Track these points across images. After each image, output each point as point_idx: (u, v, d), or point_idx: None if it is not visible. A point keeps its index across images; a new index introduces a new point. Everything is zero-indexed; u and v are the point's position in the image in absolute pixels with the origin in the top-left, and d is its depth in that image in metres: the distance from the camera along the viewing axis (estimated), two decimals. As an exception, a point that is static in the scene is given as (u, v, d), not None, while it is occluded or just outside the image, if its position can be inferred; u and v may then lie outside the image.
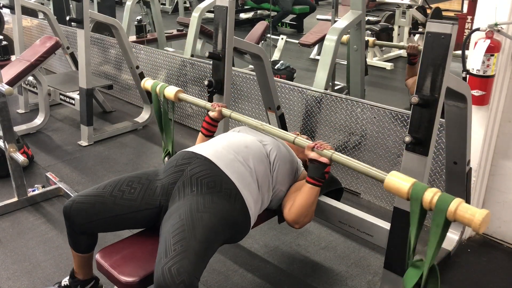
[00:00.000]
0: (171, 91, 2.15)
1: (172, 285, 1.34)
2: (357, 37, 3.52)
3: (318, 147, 1.67)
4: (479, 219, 1.25)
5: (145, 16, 6.14)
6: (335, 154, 1.65)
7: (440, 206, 1.32)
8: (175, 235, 1.46)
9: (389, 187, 1.45)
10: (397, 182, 1.43)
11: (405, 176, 1.43)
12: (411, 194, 1.39)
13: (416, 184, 1.39)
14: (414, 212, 1.39)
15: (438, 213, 1.33)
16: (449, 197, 1.32)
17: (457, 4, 8.15)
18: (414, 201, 1.38)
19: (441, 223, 1.32)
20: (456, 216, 1.29)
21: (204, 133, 2.09)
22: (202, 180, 1.67)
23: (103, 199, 1.68)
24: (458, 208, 1.29)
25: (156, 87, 2.21)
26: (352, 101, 2.77)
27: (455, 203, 1.30)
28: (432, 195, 1.34)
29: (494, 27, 2.06)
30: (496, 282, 2.19)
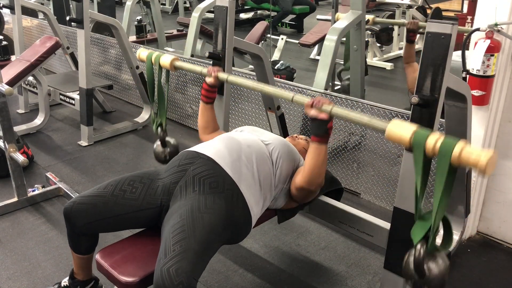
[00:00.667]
0: (166, 59, 2.12)
1: (170, 285, 1.34)
2: (357, 37, 3.52)
3: (316, 104, 1.63)
4: (485, 160, 1.19)
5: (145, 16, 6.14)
6: (334, 108, 1.60)
7: (444, 151, 1.25)
8: (174, 235, 1.46)
9: (390, 136, 1.39)
10: (398, 130, 1.37)
11: (406, 124, 1.38)
12: (413, 141, 1.32)
13: (418, 131, 1.33)
14: (417, 162, 1.32)
15: (442, 158, 1.26)
16: (452, 141, 1.26)
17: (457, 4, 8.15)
18: (416, 149, 1.32)
19: (446, 170, 1.25)
20: (461, 159, 1.23)
21: (205, 100, 2.07)
22: (204, 180, 1.67)
23: (104, 199, 1.67)
24: (463, 152, 1.23)
25: (151, 56, 2.17)
26: (352, 101, 2.77)
27: (459, 146, 1.24)
28: (434, 141, 1.28)
29: (494, 27, 2.06)
30: (496, 282, 2.19)
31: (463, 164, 1.24)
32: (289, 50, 6.16)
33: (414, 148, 1.33)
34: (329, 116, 1.61)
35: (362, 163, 2.81)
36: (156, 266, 1.41)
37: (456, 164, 1.26)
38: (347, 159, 2.88)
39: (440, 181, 1.28)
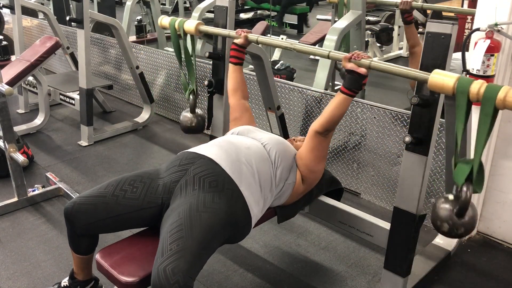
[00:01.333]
0: (191, 24, 2.12)
1: (166, 285, 1.34)
2: (357, 37, 3.52)
3: (355, 57, 1.64)
4: None
5: (145, 16, 6.14)
6: (373, 62, 1.62)
7: (489, 94, 1.31)
8: (172, 234, 1.46)
9: (433, 85, 1.42)
10: (441, 78, 1.40)
11: (448, 72, 1.41)
12: (457, 87, 1.37)
13: (461, 78, 1.38)
14: (460, 107, 1.38)
15: (486, 102, 1.32)
16: (496, 86, 1.32)
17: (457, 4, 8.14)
18: (460, 95, 1.36)
19: (490, 112, 1.32)
20: (506, 102, 1.29)
21: (234, 61, 2.14)
22: (204, 179, 1.67)
23: (105, 199, 1.67)
24: (508, 95, 1.28)
25: (174, 23, 2.17)
26: (352, 101, 2.76)
27: (503, 91, 1.29)
28: (479, 86, 1.33)
29: (494, 27, 2.06)
30: (496, 282, 2.19)
31: (507, 107, 1.30)
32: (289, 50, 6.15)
33: (458, 94, 1.38)
34: (367, 70, 1.63)
35: (362, 163, 2.81)
36: (153, 265, 1.41)
37: (501, 108, 1.31)
38: (347, 159, 2.88)
39: (484, 124, 1.35)
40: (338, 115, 1.75)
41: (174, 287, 1.34)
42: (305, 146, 1.88)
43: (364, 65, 1.62)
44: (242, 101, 2.17)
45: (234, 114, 2.15)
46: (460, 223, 1.41)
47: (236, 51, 2.12)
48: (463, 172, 1.40)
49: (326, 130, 1.79)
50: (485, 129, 1.35)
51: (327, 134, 1.82)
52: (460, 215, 1.40)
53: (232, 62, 2.15)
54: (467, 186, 1.38)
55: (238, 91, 2.16)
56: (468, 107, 1.38)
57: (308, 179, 1.92)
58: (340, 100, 1.72)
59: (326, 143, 1.86)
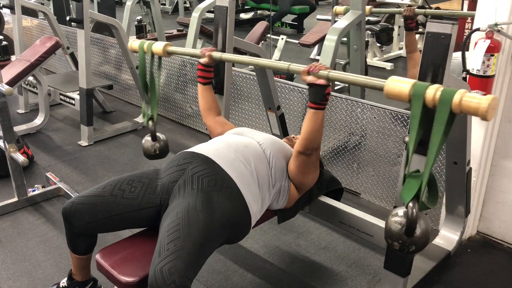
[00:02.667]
0: (159, 46, 2.07)
1: (162, 285, 1.33)
2: (357, 37, 3.52)
3: (313, 70, 1.61)
4: (486, 104, 1.19)
5: (145, 16, 6.14)
6: (331, 72, 1.59)
7: (444, 99, 1.26)
8: (169, 234, 1.46)
9: (389, 93, 1.38)
10: (397, 85, 1.36)
11: (405, 79, 1.37)
12: (412, 93, 1.32)
13: (417, 83, 1.33)
14: (415, 114, 1.32)
15: (442, 107, 1.26)
16: (452, 89, 1.27)
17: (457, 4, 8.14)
18: (416, 101, 1.31)
19: (445, 118, 1.25)
20: (462, 106, 1.23)
21: (202, 81, 2.09)
22: (203, 178, 1.67)
23: (103, 199, 1.67)
24: (463, 98, 1.23)
25: (143, 45, 2.12)
26: (352, 101, 2.77)
27: (459, 93, 1.24)
28: (434, 90, 1.29)
29: (494, 27, 2.06)
30: (496, 282, 2.19)
31: (464, 110, 1.24)
32: (289, 50, 6.15)
33: (413, 100, 1.32)
34: (327, 81, 1.60)
35: (362, 163, 2.81)
36: (151, 265, 1.41)
37: (457, 112, 1.25)
38: (347, 159, 2.88)
39: (439, 130, 1.27)
40: (314, 131, 1.70)
41: (171, 287, 1.34)
42: (292, 163, 1.85)
43: (323, 76, 1.60)
44: (218, 118, 2.15)
45: (216, 131, 2.12)
46: (410, 241, 1.35)
47: (203, 71, 2.06)
48: (410, 188, 1.35)
49: (307, 149, 1.75)
50: (438, 139, 1.28)
51: (311, 154, 1.77)
52: (409, 234, 1.34)
53: (200, 82, 2.09)
54: (414, 203, 1.33)
55: (211, 109, 2.13)
56: (423, 113, 1.31)
57: (301, 189, 1.93)
58: (311, 115, 1.68)
59: (312, 161, 1.82)
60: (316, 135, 1.72)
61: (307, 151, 1.76)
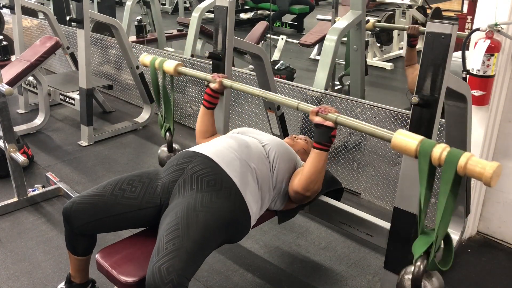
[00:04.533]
0: (170, 65, 2.08)
1: (160, 284, 1.34)
2: (357, 37, 3.52)
3: (322, 111, 1.63)
4: (490, 172, 1.21)
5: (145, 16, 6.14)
6: (340, 117, 1.60)
7: (450, 160, 1.27)
8: (168, 234, 1.46)
9: (396, 146, 1.39)
10: (404, 140, 1.37)
11: (412, 134, 1.39)
12: (419, 150, 1.33)
13: (424, 141, 1.34)
14: (422, 171, 1.33)
15: (447, 168, 1.27)
16: (458, 151, 1.28)
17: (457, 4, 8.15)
18: (422, 158, 1.32)
19: (451, 179, 1.27)
20: (467, 170, 1.25)
21: (206, 105, 2.06)
22: (202, 178, 1.67)
23: (103, 198, 1.67)
24: (468, 162, 1.25)
25: (155, 61, 2.14)
26: (352, 101, 2.77)
27: (465, 157, 1.26)
28: (441, 150, 1.29)
29: (494, 27, 2.06)
30: (496, 282, 2.19)
31: (468, 174, 1.26)
32: (289, 50, 6.16)
33: (420, 158, 1.34)
34: (334, 123, 1.62)
35: (362, 163, 2.81)
36: (149, 264, 1.41)
37: (462, 174, 1.27)
38: (347, 159, 2.88)
39: (445, 190, 1.29)
40: (316, 172, 1.72)
41: (168, 286, 1.33)
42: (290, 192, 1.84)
43: (331, 119, 1.62)
44: (210, 138, 2.09)
45: None
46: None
47: (210, 96, 2.04)
48: (421, 244, 1.35)
49: (307, 190, 1.75)
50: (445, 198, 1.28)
51: (309, 196, 1.78)
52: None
53: (204, 106, 2.07)
54: (421, 261, 1.33)
55: (207, 132, 2.10)
56: (430, 171, 1.32)
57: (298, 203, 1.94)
58: (314, 155, 1.70)
59: (310, 198, 1.83)
60: (318, 177, 1.73)
61: (307, 193, 1.76)
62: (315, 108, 1.65)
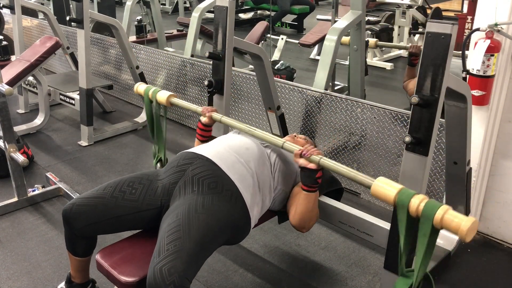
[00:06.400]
0: (163, 95, 2.17)
1: (162, 285, 1.34)
2: (357, 37, 3.52)
3: (305, 154, 1.66)
4: (465, 228, 1.22)
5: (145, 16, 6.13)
6: (322, 159, 1.63)
7: (427, 213, 1.28)
8: (169, 235, 1.46)
9: (376, 193, 1.42)
10: (383, 188, 1.40)
11: (392, 182, 1.41)
12: (397, 201, 1.35)
13: (402, 191, 1.35)
14: (401, 221, 1.35)
15: (424, 220, 1.29)
16: (436, 204, 1.29)
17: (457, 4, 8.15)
18: (400, 208, 1.34)
19: (428, 231, 1.28)
20: (443, 223, 1.26)
21: (199, 138, 2.13)
22: (203, 180, 1.67)
23: (104, 200, 1.67)
24: (445, 216, 1.25)
25: (149, 91, 2.22)
26: (352, 101, 2.77)
27: (442, 210, 1.26)
28: (418, 202, 1.31)
29: (494, 27, 2.06)
30: (496, 282, 2.19)
31: (444, 227, 1.27)
32: (289, 50, 6.16)
33: (398, 207, 1.35)
34: (318, 166, 1.64)
35: (362, 163, 2.81)
36: (150, 265, 1.41)
37: (438, 227, 1.28)
38: (347, 159, 2.88)
39: (423, 241, 1.30)
40: (308, 212, 1.77)
41: (170, 287, 1.34)
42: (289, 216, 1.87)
43: (314, 161, 1.64)
44: None
45: None
46: None
47: (202, 131, 2.11)
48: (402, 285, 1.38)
49: (302, 227, 1.81)
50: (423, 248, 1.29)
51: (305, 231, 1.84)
52: None
53: (198, 139, 2.13)
54: None
55: None
56: (409, 221, 1.34)
57: None
58: (303, 197, 1.75)
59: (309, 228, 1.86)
60: (311, 215, 1.78)
61: (303, 229, 1.83)
62: (299, 150, 1.68)
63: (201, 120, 2.08)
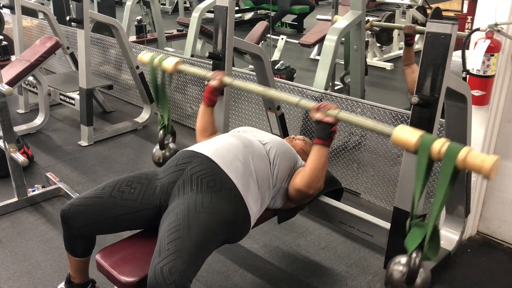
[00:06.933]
0: (170, 62, 2.09)
1: (163, 285, 1.34)
2: (357, 37, 3.52)
3: (322, 108, 1.65)
4: (489, 165, 1.23)
5: (145, 16, 6.14)
6: (340, 113, 1.62)
7: (450, 154, 1.29)
8: (169, 235, 1.46)
9: (396, 141, 1.41)
10: (404, 134, 1.39)
11: (412, 129, 1.41)
12: (419, 145, 1.35)
13: (424, 136, 1.36)
14: (420, 165, 1.35)
15: (447, 162, 1.30)
16: (458, 146, 1.30)
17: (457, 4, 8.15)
18: (422, 152, 1.35)
19: (450, 173, 1.29)
20: (466, 163, 1.27)
21: (207, 103, 2.07)
22: (202, 179, 1.67)
23: (102, 200, 1.67)
24: (468, 156, 1.27)
25: (154, 58, 2.16)
26: (352, 101, 2.77)
27: (464, 151, 1.28)
28: (440, 145, 1.32)
29: (494, 27, 2.06)
30: (496, 282, 2.19)
31: (467, 167, 1.27)
32: (289, 50, 6.16)
33: (419, 152, 1.36)
34: (335, 120, 1.63)
35: (362, 163, 2.81)
36: (150, 265, 1.41)
37: (461, 168, 1.28)
38: (347, 159, 2.88)
39: (443, 184, 1.31)
40: (318, 169, 1.73)
41: (171, 287, 1.34)
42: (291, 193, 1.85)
43: (331, 115, 1.63)
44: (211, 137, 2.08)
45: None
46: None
47: (210, 93, 2.05)
48: (415, 238, 1.38)
49: (310, 188, 1.76)
50: (443, 191, 1.31)
51: (313, 193, 1.79)
52: (409, 283, 1.37)
53: (205, 103, 2.08)
54: (417, 253, 1.35)
55: (207, 130, 2.10)
56: (428, 166, 1.35)
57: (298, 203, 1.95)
58: (316, 152, 1.72)
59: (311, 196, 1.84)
60: (320, 174, 1.74)
61: (310, 190, 1.77)
62: (316, 105, 1.67)
63: (210, 84, 2.02)
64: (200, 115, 2.11)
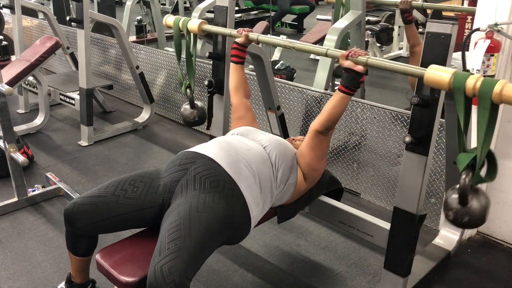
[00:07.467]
0: (194, 23, 2.21)
1: (162, 284, 1.34)
2: (357, 37, 3.53)
3: (352, 55, 1.64)
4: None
5: (145, 16, 6.14)
6: (370, 59, 1.61)
7: (485, 89, 1.29)
8: (170, 234, 1.46)
9: (429, 81, 1.41)
10: (437, 74, 1.39)
11: (444, 68, 1.40)
12: (452, 83, 1.35)
13: (457, 73, 1.36)
14: (459, 101, 1.36)
15: (483, 97, 1.30)
16: (492, 80, 1.29)
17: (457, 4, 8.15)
18: (457, 90, 1.35)
19: (488, 107, 1.30)
20: (502, 96, 1.26)
21: (235, 60, 2.17)
22: (205, 179, 1.67)
23: (105, 199, 1.67)
24: (504, 88, 1.26)
25: (178, 21, 2.28)
26: (352, 101, 2.77)
27: (499, 84, 1.27)
28: (474, 80, 1.31)
29: (494, 27, 2.06)
30: (496, 282, 2.19)
31: (504, 100, 1.27)
32: (289, 50, 6.13)
33: (454, 89, 1.36)
34: (365, 68, 1.63)
35: (362, 163, 2.81)
36: (150, 264, 1.42)
37: (497, 102, 1.29)
38: (347, 159, 2.88)
39: (483, 119, 1.33)
40: (337, 114, 1.77)
41: (170, 286, 1.34)
42: (305, 145, 1.89)
43: (361, 62, 1.61)
44: (244, 100, 2.19)
45: (237, 113, 2.16)
46: (463, 211, 1.38)
47: (237, 50, 2.14)
48: (464, 159, 1.40)
49: (326, 129, 1.80)
50: (484, 122, 1.33)
51: (327, 133, 1.83)
52: (462, 203, 1.38)
53: (233, 61, 2.17)
54: (467, 172, 1.37)
55: (240, 89, 2.18)
56: (466, 102, 1.36)
57: (310, 176, 1.93)
58: (339, 99, 1.73)
59: (327, 142, 1.87)
60: (338, 117, 1.78)
61: (326, 131, 1.81)
62: (345, 52, 1.67)
63: (236, 41, 2.12)
64: (231, 74, 2.20)
